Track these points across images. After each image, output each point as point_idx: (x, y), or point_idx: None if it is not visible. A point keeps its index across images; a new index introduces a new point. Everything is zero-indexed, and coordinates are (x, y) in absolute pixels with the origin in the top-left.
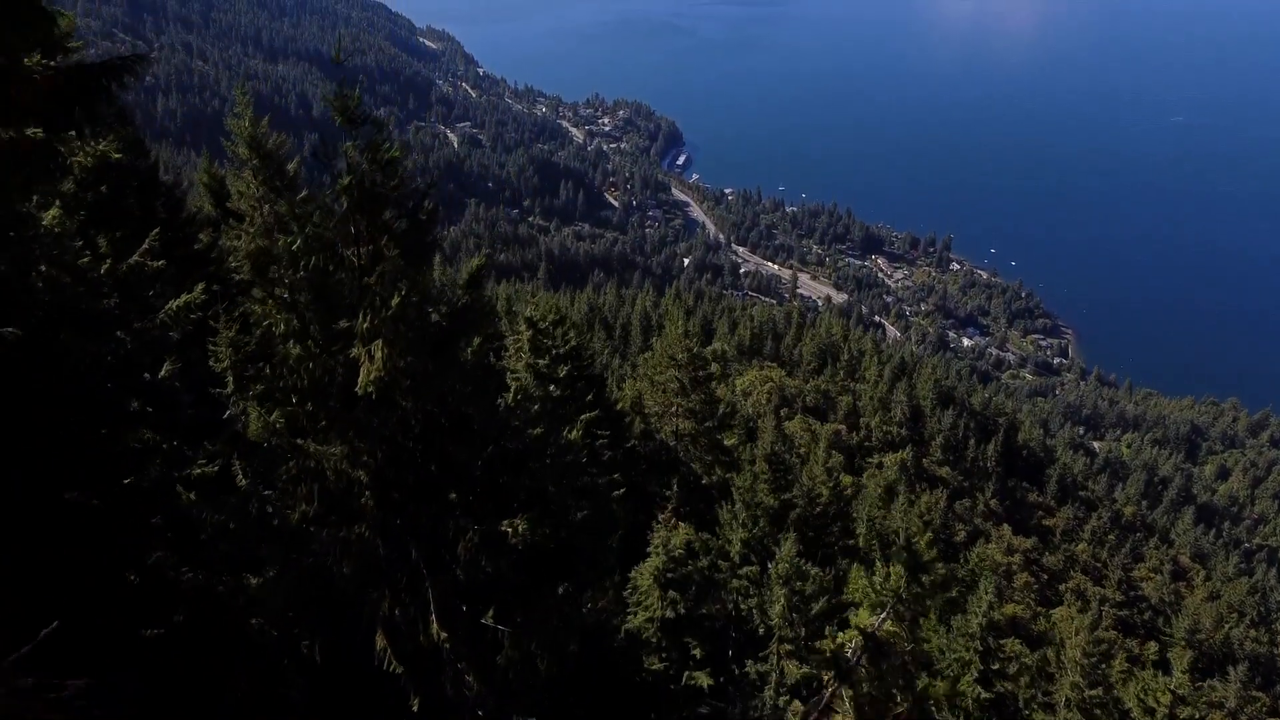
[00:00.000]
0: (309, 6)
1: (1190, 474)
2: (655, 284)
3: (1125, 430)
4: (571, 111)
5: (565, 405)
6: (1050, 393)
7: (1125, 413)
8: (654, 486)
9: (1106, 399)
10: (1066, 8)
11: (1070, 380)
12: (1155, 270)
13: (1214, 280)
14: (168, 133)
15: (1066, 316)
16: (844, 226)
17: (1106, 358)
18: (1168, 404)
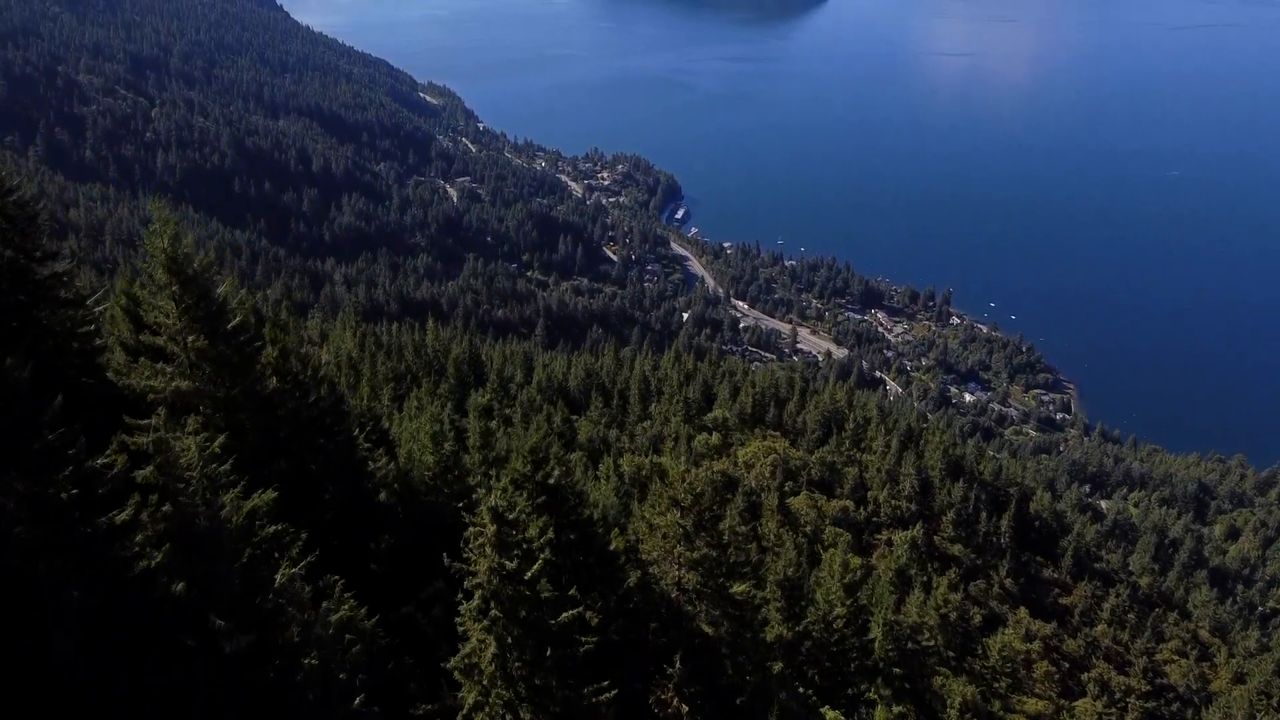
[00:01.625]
0: (312, 63)
1: (1201, 535)
2: (654, 339)
3: (1132, 488)
4: (571, 166)
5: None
6: (1055, 450)
7: (1131, 470)
8: (655, 639)
9: (1111, 456)
10: (1059, 65)
11: (1074, 436)
12: (1155, 323)
13: (1215, 333)
14: (166, 188)
15: (1068, 371)
16: (843, 280)
17: (1109, 412)
18: (1173, 461)
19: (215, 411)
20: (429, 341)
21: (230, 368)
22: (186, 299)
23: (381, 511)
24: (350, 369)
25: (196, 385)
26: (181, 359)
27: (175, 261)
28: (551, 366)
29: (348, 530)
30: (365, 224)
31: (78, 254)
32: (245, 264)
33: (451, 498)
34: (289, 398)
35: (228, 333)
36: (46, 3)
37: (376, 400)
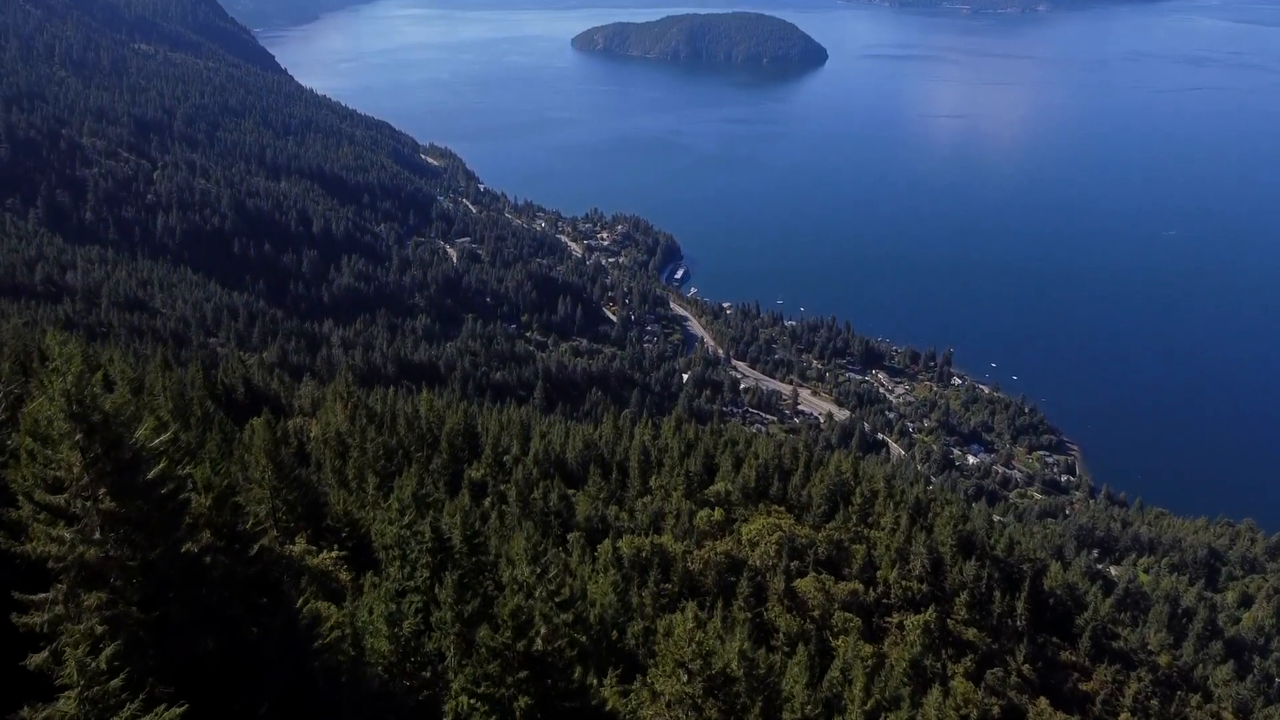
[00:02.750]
0: (315, 126)
1: (1214, 604)
2: (654, 401)
3: (1141, 554)
4: (571, 226)
5: None
6: (1061, 513)
7: (1139, 535)
8: None
9: (1119, 520)
10: (1054, 127)
11: (1079, 499)
12: (1157, 383)
13: (1218, 394)
14: (165, 250)
15: (1071, 432)
16: (843, 341)
17: (1114, 474)
18: (1181, 525)
19: (129, 581)
20: (423, 414)
21: (148, 527)
22: (94, 450)
23: (329, 701)
24: (338, 446)
25: (106, 552)
26: (88, 521)
27: (81, 405)
28: (550, 436)
29: None
30: (364, 285)
31: (73, 318)
32: (242, 326)
33: (415, 689)
34: (222, 557)
35: (145, 485)
36: (53, 67)
37: (362, 489)
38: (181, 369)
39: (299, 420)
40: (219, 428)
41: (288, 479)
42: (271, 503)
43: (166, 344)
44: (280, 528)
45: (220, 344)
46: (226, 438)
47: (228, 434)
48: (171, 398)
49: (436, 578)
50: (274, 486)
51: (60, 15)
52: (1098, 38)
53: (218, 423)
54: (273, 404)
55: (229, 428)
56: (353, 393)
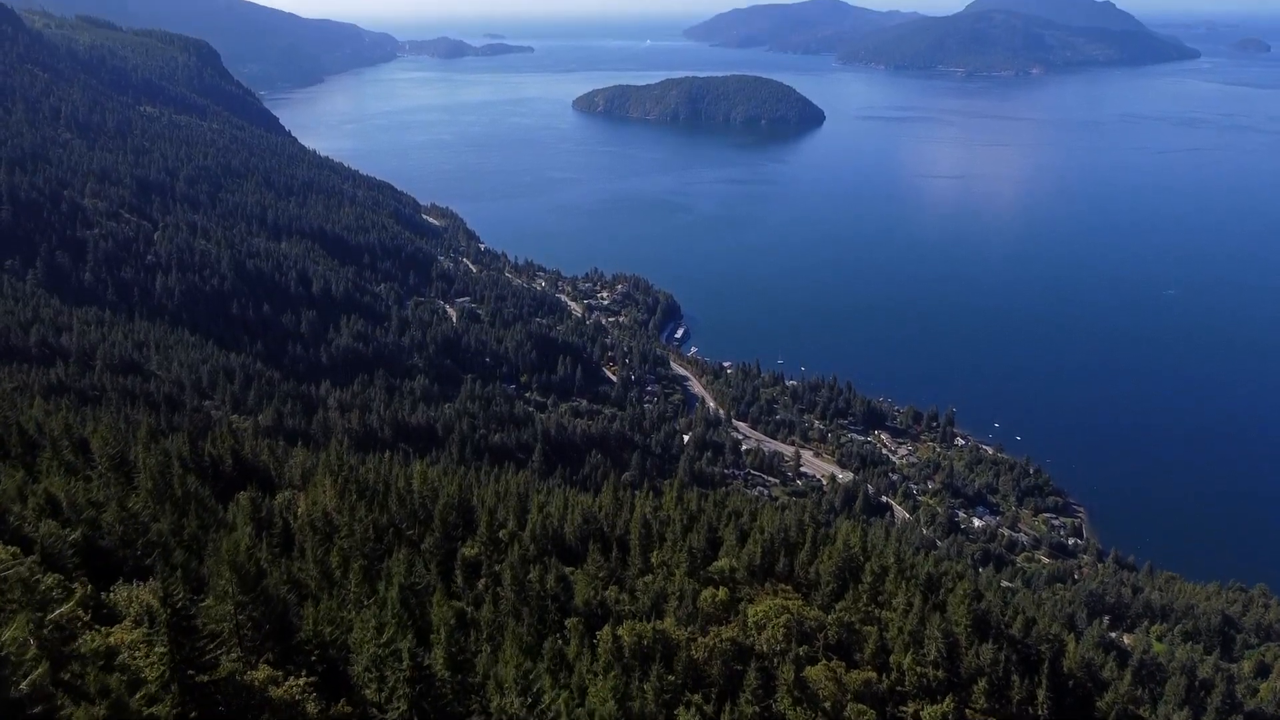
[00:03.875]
0: (317, 187)
1: (1231, 675)
2: (655, 463)
3: (1153, 621)
4: (571, 285)
5: None
6: (1069, 578)
7: (1151, 602)
8: None
9: (1129, 585)
10: (1051, 187)
11: (1087, 562)
12: (1162, 444)
13: (1225, 455)
14: (164, 310)
15: (1077, 494)
16: (845, 401)
17: (1122, 537)
18: (1193, 590)
19: None
20: (415, 488)
21: None
22: None
23: None
24: (325, 527)
25: None
26: None
27: None
28: (548, 508)
29: None
30: (363, 345)
31: (65, 382)
32: (238, 389)
33: None
34: None
35: (9, 704)
36: (59, 129)
37: (345, 582)
38: (169, 438)
39: (288, 494)
40: (196, 513)
41: (253, 592)
42: (235, 619)
43: (159, 408)
44: (245, 646)
45: (215, 407)
46: (204, 524)
47: (205, 521)
48: (152, 476)
49: (416, 709)
50: (238, 602)
51: (68, 79)
52: (1092, 100)
53: (194, 509)
54: (261, 476)
55: (207, 513)
56: (344, 464)
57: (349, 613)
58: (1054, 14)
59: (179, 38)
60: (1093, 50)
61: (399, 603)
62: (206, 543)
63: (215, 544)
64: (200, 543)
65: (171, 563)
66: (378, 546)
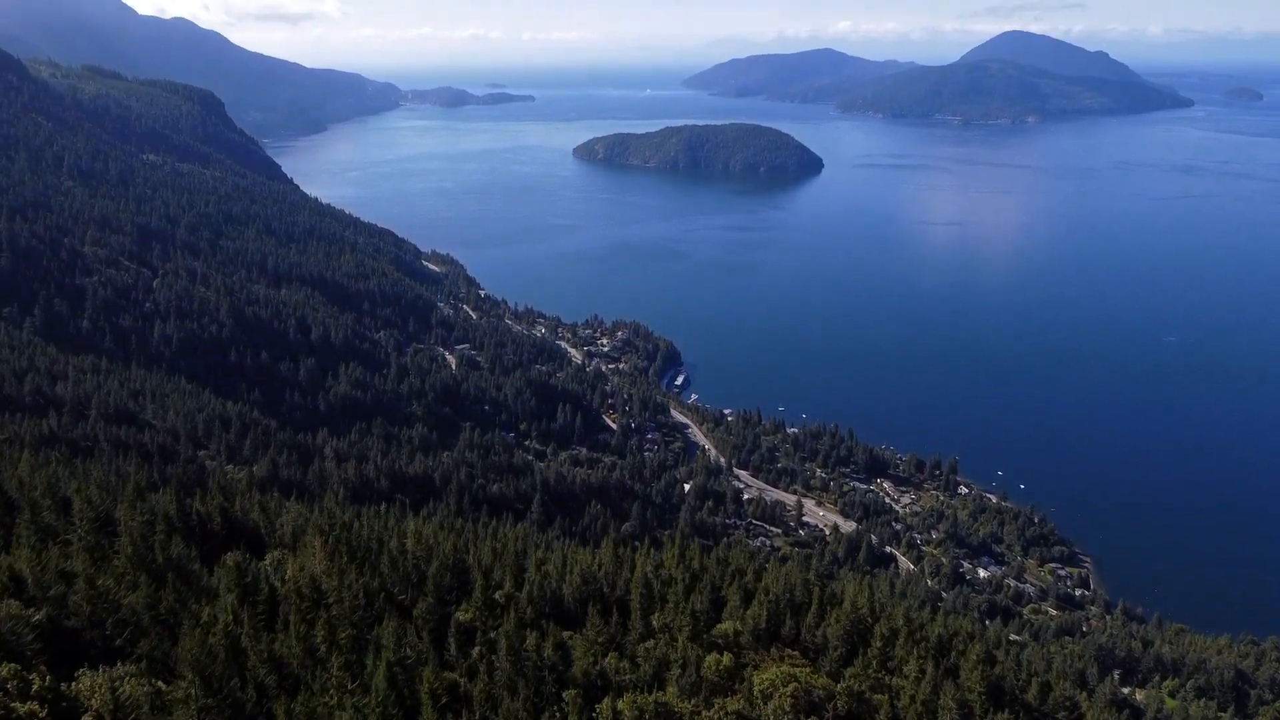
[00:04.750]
0: (318, 234)
1: None
2: (656, 514)
3: (1165, 675)
4: (571, 332)
5: None
6: (1078, 631)
7: (1162, 656)
8: None
9: (1138, 638)
10: (1051, 234)
11: (1096, 614)
12: (1168, 493)
13: (1233, 503)
14: (161, 358)
15: (1083, 543)
16: (847, 449)
17: (1129, 587)
18: (1204, 644)
19: None
20: (409, 547)
21: None
22: None
23: None
24: (312, 595)
25: None
26: None
27: None
28: (546, 566)
29: None
30: (361, 393)
31: (56, 433)
32: (234, 438)
33: None
34: None
35: None
36: (61, 177)
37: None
38: (157, 494)
39: (278, 554)
40: (174, 585)
41: (219, 694)
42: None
43: (152, 459)
44: None
45: (210, 457)
46: (181, 598)
47: (182, 595)
48: (133, 540)
49: None
50: (202, 706)
51: (71, 127)
52: (1088, 148)
53: (172, 580)
54: (251, 535)
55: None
56: (335, 523)
57: (330, 698)
58: (1049, 64)
59: (183, 87)
60: (1088, 99)
61: (386, 683)
62: (184, 618)
63: (193, 618)
64: (178, 617)
65: (138, 653)
66: (367, 615)
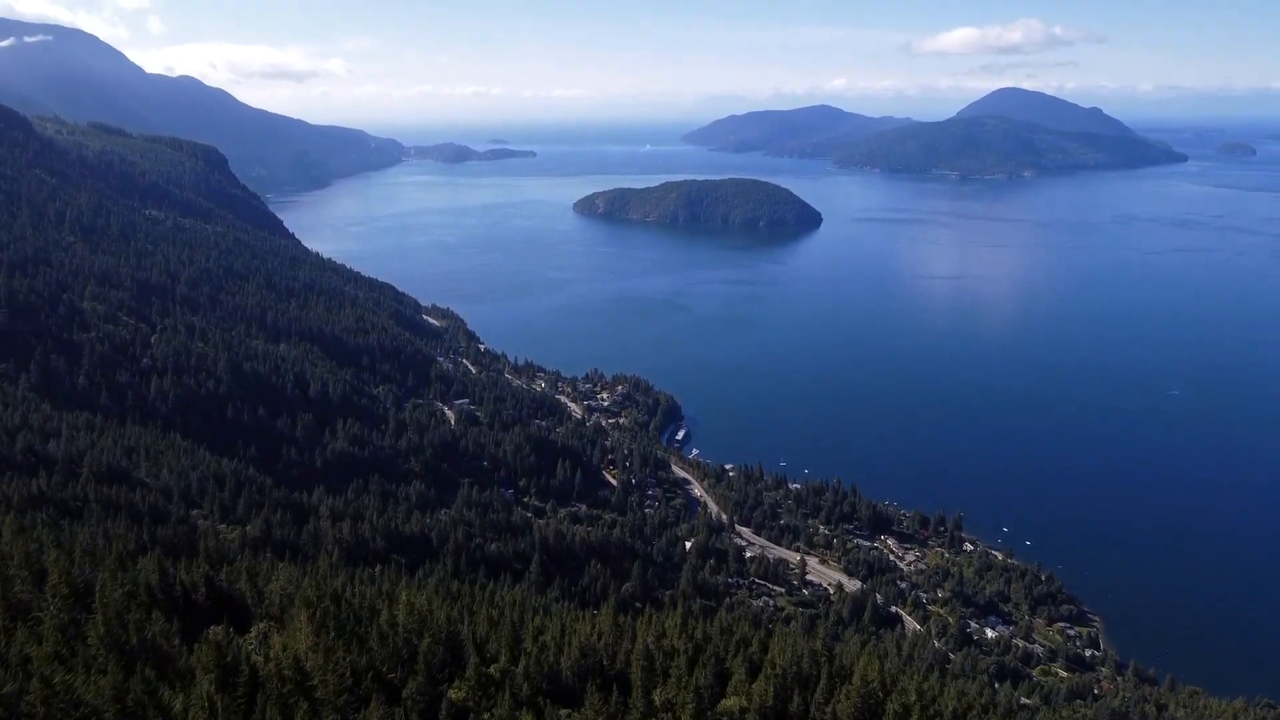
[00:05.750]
0: (318, 288)
1: None
2: (656, 574)
3: None
4: (571, 386)
5: None
6: (1089, 693)
7: None
8: None
9: (1152, 700)
10: (1049, 287)
11: (1107, 675)
12: (1177, 550)
13: (1244, 561)
14: (157, 414)
15: (1092, 602)
16: (850, 505)
17: (1140, 648)
18: (1219, 707)
19: None
20: (400, 620)
21: None
22: None
23: None
24: (296, 676)
25: None
26: None
27: None
28: (544, 637)
29: None
30: (359, 450)
31: (46, 494)
32: (228, 497)
33: None
34: None
35: None
36: (62, 233)
37: None
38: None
39: (264, 626)
40: (142, 675)
41: None
42: None
43: (142, 520)
44: None
45: (203, 516)
46: (151, 689)
47: (152, 686)
48: (108, 619)
49: None
50: None
51: (75, 183)
52: (1084, 202)
53: (141, 670)
54: (237, 605)
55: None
56: (324, 594)
57: None
58: (1043, 119)
59: (187, 143)
60: (1083, 154)
61: None
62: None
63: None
64: (145, 711)
65: None
66: (353, 697)
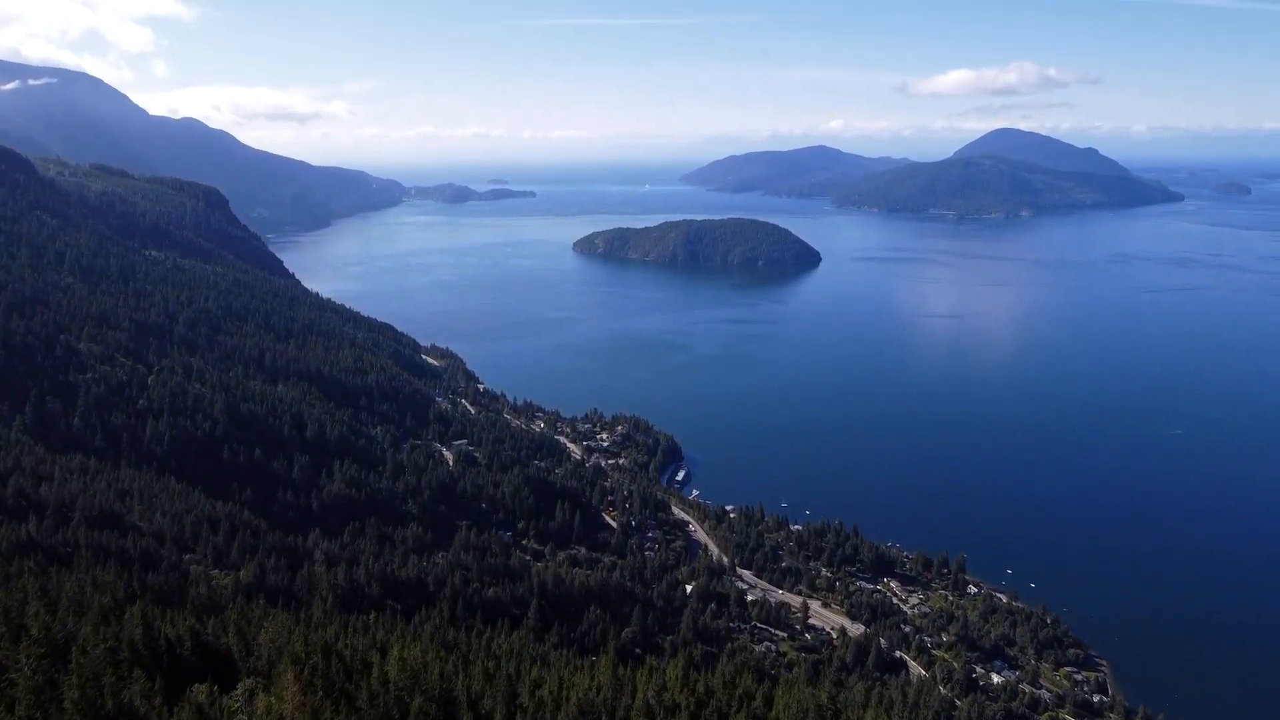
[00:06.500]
0: (316, 328)
1: None
2: (656, 619)
3: None
4: (570, 427)
5: None
6: None
7: None
8: None
9: None
10: (1050, 326)
11: None
12: (1186, 592)
13: (1255, 603)
14: (152, 457)
15: (1099, 646)
16: (853, 547)
17: (1149, 693)
18: None
19: None
20: (392, 676)
21: None
22: None
23: None
24: None
25: None
26: None
27: None
28: (541, 691)
29: None
30: (355, 492)
31: (35, 539)
32: (221, 541)
33: None
34: None
35: None
36: (61, 274)
37: None
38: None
39: (250, 683)
40: None
41: None
42: None
43: (133, 566)
44: None
45: (195, 561)
46: None
47: None
48: (83, 681)
49: None
50: None
51: (75, 224)
52: (1082, 241)
53: None
54: (223, 660)
55: None
56: (313, 649)
57: None
58: (1040, 159)
59: (189, 184)
60: (1080, 194)
61: None
62: None
63: None
64: None
65: None
66: None
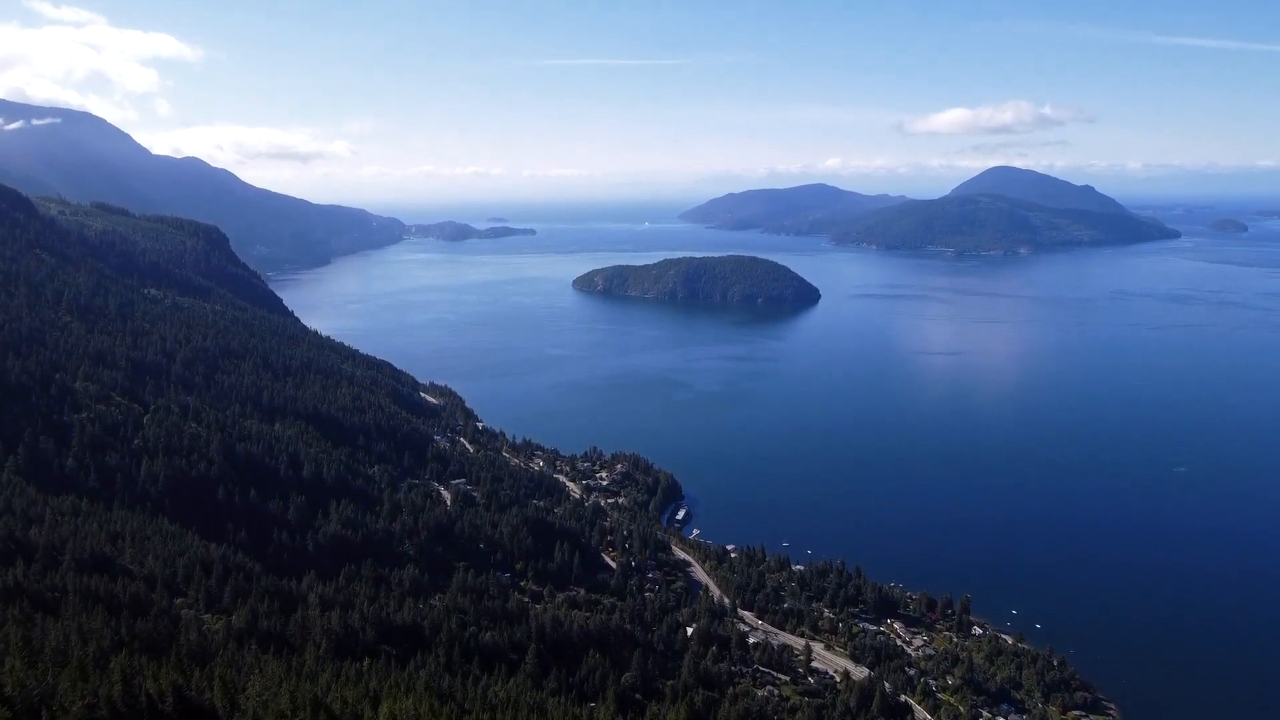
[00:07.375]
0: (314, 366)
1: None
2: (657, 663)
3: None
4: (569, 465)
5: None
6: None
7: None
8: None
9: None
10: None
11: None
12: (1195, 634)
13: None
14: (147, 497)
15: (1106, 688)
16: (855, 587)
17: None
18: None
19: None
20: None
21: None
22: None
23: None
24: None
25: None
26: None
27: None
28: None
29: None
30: (352, 533)
31: (23, 585)
32: (214, 584)
33: None
34: None
35: None
36: (59, 312)
37: None
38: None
39: None
40: None
41: None
42: None
43: (122, 613)
44: None
45: (187, 605)
46: None
47: None
48: None
49: None
50: None
51: (74, 263)
52: (1081, 278)
53: None
54: (207, 719)
55: None
56: (301, 703)
57: None
58: (1037, 197)
59: (189, 223)
60: (1077, 231)
61: None
62: None
63: None
64: None
65: None
66: None
